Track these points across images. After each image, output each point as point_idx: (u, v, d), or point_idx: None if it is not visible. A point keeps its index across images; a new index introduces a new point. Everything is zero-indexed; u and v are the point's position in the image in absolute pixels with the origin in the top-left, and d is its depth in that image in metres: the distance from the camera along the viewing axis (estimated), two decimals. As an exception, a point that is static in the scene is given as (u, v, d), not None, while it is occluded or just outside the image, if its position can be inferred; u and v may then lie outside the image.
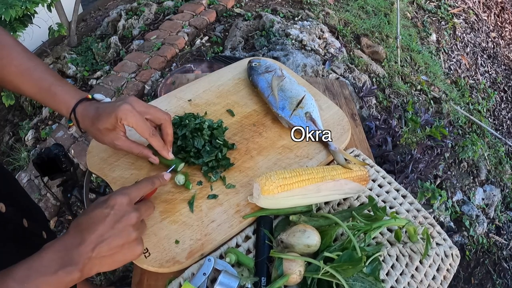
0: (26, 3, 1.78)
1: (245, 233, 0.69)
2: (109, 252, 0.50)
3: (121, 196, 0.53)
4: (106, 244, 0.49)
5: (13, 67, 0.66)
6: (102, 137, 0.68)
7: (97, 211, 0.51)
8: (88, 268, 0.48)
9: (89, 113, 0.67)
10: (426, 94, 2.90)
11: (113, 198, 0.52)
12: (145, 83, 2.29)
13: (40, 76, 0.67)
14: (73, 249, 0.48)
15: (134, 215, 0.52)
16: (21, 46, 0.69)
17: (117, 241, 0.50)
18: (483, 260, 2.24)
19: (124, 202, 0.52)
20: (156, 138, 0.68)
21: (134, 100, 0.67)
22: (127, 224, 0.51)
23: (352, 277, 0.56)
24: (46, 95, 0.67)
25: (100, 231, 0.49)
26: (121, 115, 0.63)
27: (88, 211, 0.52)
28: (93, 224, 0.50)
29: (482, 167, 2.69)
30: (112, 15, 2.87)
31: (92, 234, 0.49)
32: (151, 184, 0.60)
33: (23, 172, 1.98)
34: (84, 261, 0.48)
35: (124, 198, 0.53)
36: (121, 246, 0.51)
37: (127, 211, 0.52)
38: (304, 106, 0.88)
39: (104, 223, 0.50)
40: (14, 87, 0.68)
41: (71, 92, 0.68)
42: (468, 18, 4.03)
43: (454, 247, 0.72)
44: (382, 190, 0.80)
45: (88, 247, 0.48)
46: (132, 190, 0.56)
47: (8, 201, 0.69)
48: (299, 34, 2.53)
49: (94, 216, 0.50)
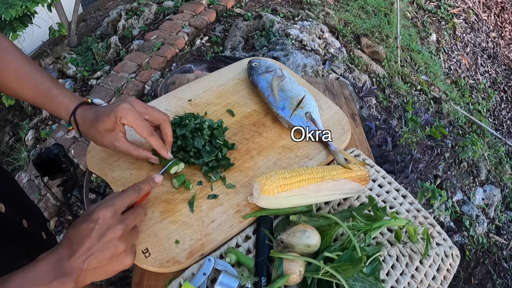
0: (26, 3, 1.79)
1: (245, 233, 0.69)
2: (99, 264, 0.50)
3: (104, 210, 0.52)
4: (94, 257, 0.49)
5: (11, 70, 0.66)
6: (102, 139, 0.68)
7: (83, 225, 0.51)
8: (82, 278, 0.49)
9: (89, 116, 0.67)
10: (426, 94, 2.90)
11: (96, 211, 0.52)
12: (145, 83, 2.29)
13: (38, 79, 0.67)
14: (65, 261, 0.49)
15: (119, 228, 0.52)
16: (18, 49, 0.69)
17: (104, 254, 0.50)
18: (483, 260, 2.24)
19: (107, 216, 0.52)
20: (155, 137, 0.68)
21: (133, 100, 0.67)
22: (112, 237, 0.51)
23: (352, 277, 0.56)
24: (45, 98, 0.68)
25: (87, 245, 0.50)
26: (120, 114, 0.64)
27: (76, 224, 0.52)
28: (80, 238, 0.50)
29: (482, 167, 2.69)
30: (112, 15, 2.87)
31: (80, 247, 0.49)
32: (138, 191, 0.58)
33: (23, 172, 1.98)
34: (77, 272, 0.49)
35: (107, 212, 0.52)
36: (110, 258, 0.51)
37: (112, 225, 0.51)
38: (304, 106, 0.88)
39: (89, 237, 0.50)
40: (11, 91, 0.68)
41: (70, 96, 0.69)
42: (468, 18, 4.03)
43: (454, 247, 0.72)
44: (382, 190, 0.80)
45: (78, 260, 0.49)
46: (117, 201, 0.54)
47: (7, 201, 0.69)
48: (299, 34, 2.53)
49: (80, 230, 0.51)
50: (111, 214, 0.52)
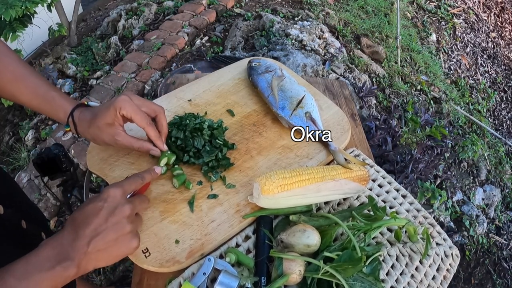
0: (26, 3, 1.78)
1: (245, 233, 0.69)
2: (104, 246, 0.50)
3: (114, 189, 0.53)
4: (100, 237, 0.49)
5: (7, 73, 0.67)
6: (102, 135, 0.68)
7: (91, 205, 0.51)
8: (85, 263, 0.49)
9: (87, 116, 0.68)
10: (426, 94, 2.90)
11: (106, 191, 0.53)
12: (145, 83, 2.29)
13: (35, 82, 0.68)
14: (69, 245, 0.48)
15: (127, 207, 0.53)
16: (14, 53, 0.70)
17: (111, 234, 0.50)
18: (483, 260, 2.24)
19: (117, 195, 0.53)
20: (153, 127, 0.70)
21: (130, 93, 0.69)
22: (121, 216, 0.52)
23: (352, 277, 0.56)
24: (42, 100, 0.69)
25: (94, 225, 0.50)
26: (119, 105, 0.65)
27: (82, 206, 0.52)
28: (87, 218, 0.50)
29: (482, 167, 2.69)
30: (112, 15, 2.87)
31: (86, 229, 0.49)
32: (142, 178, 0.61)
33: (23, 172, 1.98)
34: (80, 256, 0.48)
35: (117, 191, 0.53)
36: (116, 240, 0.51)
37: (121, 203, 0.53)
38: (304, 106, 0.88)
39: (98, 216, 0.50)
40: (8, 94, 0.68)
41: (67, 98, 0.70)
42: (468, 18, 4.03)
43: (454, 247, 0.72)
44: (382, 190, 0.80)
45: (83, 242, 0.49)
46: (125, 183, 0.57)
47: (6, 202, 0.69)
48: (299, 34, 2.53)
49: (88, 210, 0.51)
50: (120, 193, 0.53)
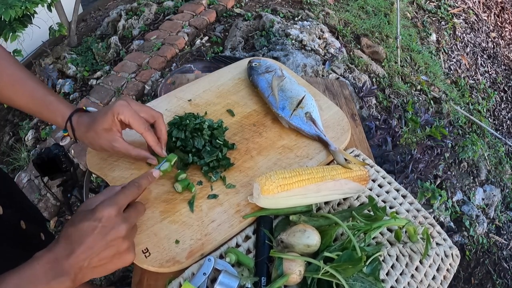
0: (26, 3, 1.78)
1: (245, 233, 0.69)
2: (100, 263, 0.50)
3: (109, 208, 0.51)
4: (96, 256, 0.49)
5: (5, 76, 0.66)
6: (99, 141, 0.68)
7: (85, 223, 0.49)
8: (80, 277, 0.49)
9: (85, 120, 0.68)
10: (426, 94, 2.90)
11: (100, 210, 0.50)
12: (145, 83, 2.29)
13: (33, 86, 0.68)
14: (64, 260, 0.48)
15: (123, 227, 0.51)
16: (11, 56, 0.69)
17: (107, 253, 0.50)
18: (483, 260, 2.24)
19: (112, 214, 0.51)
20: (151, 133, 0.69)
21: (129, 99, 0.69)
22: (116, 237, 0.50)
23: (352, 277, 0.56)
24: (40, 104, 0.68)
25: (89, 244, 0.49)
26: (117, 110, 0.65)
27: (76, 221, 0.50)
28: (82, 237, 0.49)
29: (482, 167, 2.69)
30: (112, 15, 2.87)
31: (81, 246, 0.48)
32: (138, 188, 0.58)
33: (23, 172, 1.98)
34: (76, 271, 0.48)
35: (112, 210, 0.51)
36: (112, 257, 0.51)
37: (116, 223, 0.51)
38: (304, 106, 0.88)
39: (92, 236, 0.49)
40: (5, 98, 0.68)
41: (65, 103, 0.70)
42: (468, 18, 4.03)
43: (454, 247, 0.72)
44: (382, 190, 0.80)
45: (78, 258, 0.48)
46: (120, 199, 0.54)
47: (6, 203, 0.69)
48: (299, 34, 2.53)
49: (82, 228, 0.49)
50: (115, 212, 0.51)
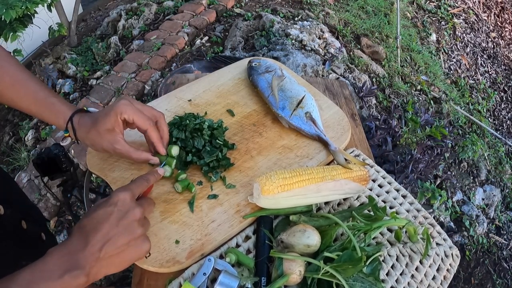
0: (26, 3, 1.78)
1: (245, 233, 0.69)
2: (116, 251, 0.49)
3: (123, 193, 0.53)
4: (112, 242, 0.48)
5: (6, 77, 0.66)
6: (101, 142, 0.68)
7: (100, 210, 0.50)
8: (95, 270, 0.48)
9: (87, 121, 0.68)
10: (426, 94, 2.90)
11: (115, 195, 0.52)
12: (145, 83, 2.29)
13: (35, 87, 0.68)
14: (78, 253, 0.47)
15: (138, 210, 0.52)
16: (13, 57, 0.69)
17: (123, 239, 0.49)
18: (483, 260, 2.24)
19: (127, 198, 0.52)
20: (155, 129, 0.69)
21: (130, 98, 0.69)
22: (132, 219, 0.51)
23: (352, 277, 0.56)
24: (42, 105, 0.68)
25: (105, 230, 0.49)
26: (120, 110, 0.65)
27: (90, 213, 0.51)
28: (97, 224, 0.49)
29: (482, 167, 2.69)
30: (112, 15, 2.87)
31: (97, 234, 0.48)
32: (147, 181, 0.60)
33: (23, 172, 1.98)
34: (91, 264, 0.47)
35: (126, 194, 0.52)
36: (128, 244, 0.50)
37: (131, 207, 0.52)
38: (304, 106, 0.88)
39: (108, 221, 0.49)
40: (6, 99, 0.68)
41: (67, 104, 0.70)
42: (468, 18, 4.03)
43: (454, 247, 0.72)
44: (382, 190, 0.80)
45: (94, 248, 0.47)
46: (133, 186, 0.56)
47: (6, 203, 0.69)
48: (299, 34, 2.53)
49: (98, 216, 0.50)
50: (130, 197, 0.53)
